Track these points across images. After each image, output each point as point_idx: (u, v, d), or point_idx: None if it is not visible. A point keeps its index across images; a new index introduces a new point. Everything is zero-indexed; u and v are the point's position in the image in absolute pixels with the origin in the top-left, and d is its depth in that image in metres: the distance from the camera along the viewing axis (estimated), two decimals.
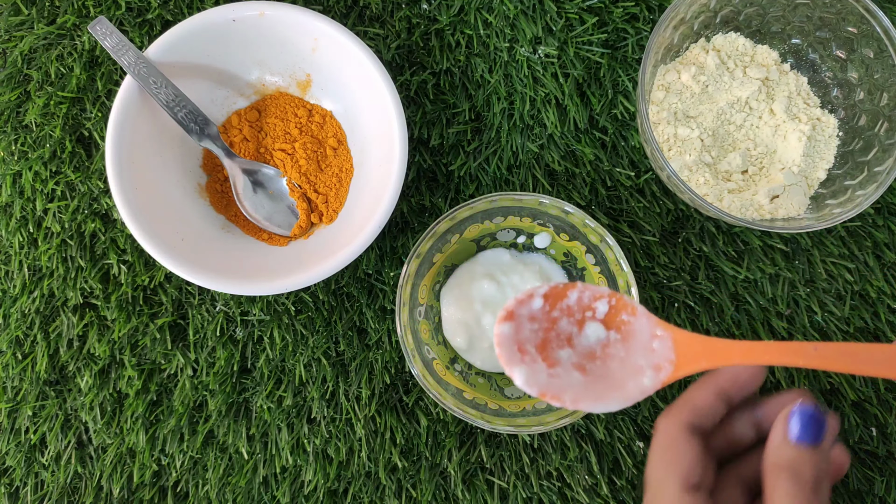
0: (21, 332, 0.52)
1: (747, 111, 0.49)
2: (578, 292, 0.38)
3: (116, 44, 0.47)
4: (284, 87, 0.52)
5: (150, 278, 0.51)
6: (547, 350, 0.37)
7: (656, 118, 0.49)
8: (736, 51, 0.50)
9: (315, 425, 0.50)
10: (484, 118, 0.53)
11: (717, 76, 0.50)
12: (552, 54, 0.52)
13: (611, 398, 0.35)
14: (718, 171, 0.49)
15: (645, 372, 0.35)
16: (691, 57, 0.50)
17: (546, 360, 0.37)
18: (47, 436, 0.51)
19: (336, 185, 0.51)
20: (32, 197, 0.53)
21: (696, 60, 0.50)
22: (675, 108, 0.49)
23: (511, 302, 0.37)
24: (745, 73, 0.50)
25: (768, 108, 0.49)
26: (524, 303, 0.38)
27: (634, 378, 0.36)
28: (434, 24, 0.53)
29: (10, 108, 0.54)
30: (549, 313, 0.38)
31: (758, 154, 0.49)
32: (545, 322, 0.38)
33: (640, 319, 0.37)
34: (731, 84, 0.50)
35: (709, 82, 0.50)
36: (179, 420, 0.50)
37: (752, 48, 0.50)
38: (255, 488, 0.50)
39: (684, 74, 0.49)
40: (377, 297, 0.51)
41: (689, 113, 0.49)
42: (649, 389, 0.35)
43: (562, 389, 0.36)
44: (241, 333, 0.51)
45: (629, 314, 0.37)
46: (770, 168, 0.49)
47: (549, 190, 0.51)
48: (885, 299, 0.50)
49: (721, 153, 0.49)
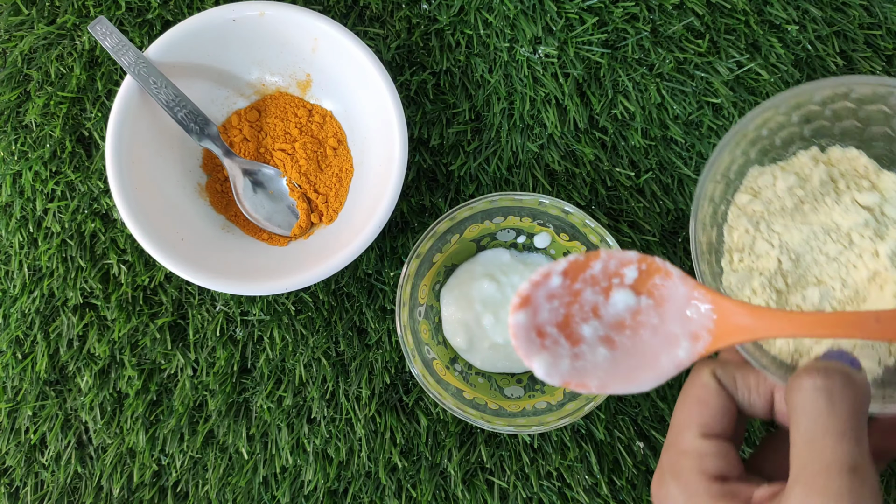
0: (21, 332, 0.52)
1: (845, 244, 0.40)
2: (603, 262, 0.34)
3: (116, 44, 0.47)
4: (284, 87, 0.52)
5: (150, 278, 0.51)
6: (570, 326, 0.34)
7: (735, 222, 0.41)
8: (854, 171, 0.41)
9: (315, 425, 0.50)
10: (484, 118, 0.53)
11: (820, 194, 0.41)
12: (552, 54, 0.52)
13: (642, 377, 0.32)
14: (788, 302, 0.40)
15: (680, 342, 0.32)
16: (796, 164, 0.42)
17: (569, 339, 0.33)
18: (47, 436, 0.51)
19: (336, 185, 0.51)
20: (32, 197, 0.53)
21: (801, 170, 0.42)
22: (758, 216, 0.41)
23: (525, 285, 0.34)
24: (855, 200, 0.41)
25: (873, 249, 0.40)
26: (541, 284, 0.34)
27: (668, 350, 0.32)
28: (434, 24, 0.53)
29: (10, 108, 0.54)
30: (570, 286, 0.34)
31: (843, 298, 0.39)
32: (567, 296, 0.34)
33: (675, 283, 0.33)
34: (834, 208, 0.41)
35: (807, 199, 0.41)
36: (179, 420, 0.50)
37: (875, 172, 0.41)
38: (255, 488, 0.50)
39: (781, 182, 0.41)
40: (377, 297, 0.51)
41: (775, 227, 0.41)
42: (685, 362, 0.32)
43: (587, 374, 0.33)
44: (241, 333, 0.51)
45: (663, 277, 0.33)
46: None
47: (549, 190, 0.51)
48: None
49: (798, 284, 0.40)
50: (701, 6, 0.52)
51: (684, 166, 0.51)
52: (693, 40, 0.52)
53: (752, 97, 0.52)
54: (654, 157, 0.52)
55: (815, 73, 0.53)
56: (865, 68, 0.52)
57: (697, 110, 0.52)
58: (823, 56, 0.52)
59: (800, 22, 0.53)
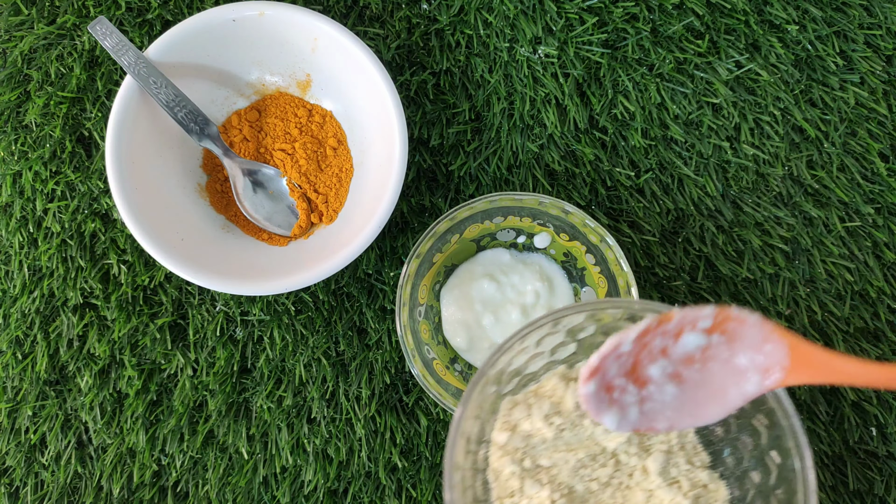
0: (21, 332, 0.52)
1: (613, 466, 0.38)
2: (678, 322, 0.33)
3: (116, 44, 0.47)
4: (284, 87, 0.52)
5: (150, 278, 0.51)
6: (637, 371, 0.33)
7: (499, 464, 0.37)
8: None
9: (315, 425, 0.50)
10: (484, 118, 0.53)
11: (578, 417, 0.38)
12: (552, 54, 0.52)
13: (709, 410, 0.32)
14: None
15: (748, 376, 0.32)
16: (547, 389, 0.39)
17: (636, 383, 0.33)
18: (47, 436, 0.51)
19: (336, 185, 0.51)
20: (32, 197, 0.53)
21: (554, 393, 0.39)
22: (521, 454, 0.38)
23: (595, 359, 0.33)
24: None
25: (641, 466, 0.38)
26: (609, 356, 0.33)
27: (737, 383, 0.32)
28: (434, 24, 0.53)
29: (10, 108, 0.54)
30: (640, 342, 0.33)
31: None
32: (637, 348, 0.33)
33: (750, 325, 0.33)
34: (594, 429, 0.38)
35: (566, 425, 0.38)
36: (179, 420, 0.50)
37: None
38: (255, 488, 0.50)
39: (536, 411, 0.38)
40: (377, 297, 0.51)
41: (541, 461, 0.38)
42: (752, 395, 0.32)
43: (655, 416, 0.33)
44: (241, 333, 0.51)
45: (738, 322, 0.33)
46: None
47: (549, 190, 0.51)
48: (885, 299, 0.50)
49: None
50: (701, 6, 0.52)
51: (684, 166, 0.51)
52: (693, 40, 0.52)
53: (752, 97, 0.52)
54: (654, 157, 0.52)
55: (814, 72, 0.53)
56: (865, 68, 0.52)
57: (697, 110, 0.52)
58: (823, 56, 0.52)
59: (800, 22, 0.53)
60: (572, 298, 0.49)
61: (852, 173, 0.52)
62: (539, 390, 0.39)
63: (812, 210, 0.51)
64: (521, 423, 0.38)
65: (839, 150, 0.52)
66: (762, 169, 0.52)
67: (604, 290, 0.47)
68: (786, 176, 0.52)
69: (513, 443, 0.38)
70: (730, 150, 0.52)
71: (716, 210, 0.51)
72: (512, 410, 0.39)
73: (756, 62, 0.52)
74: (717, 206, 0.51)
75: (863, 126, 0.52)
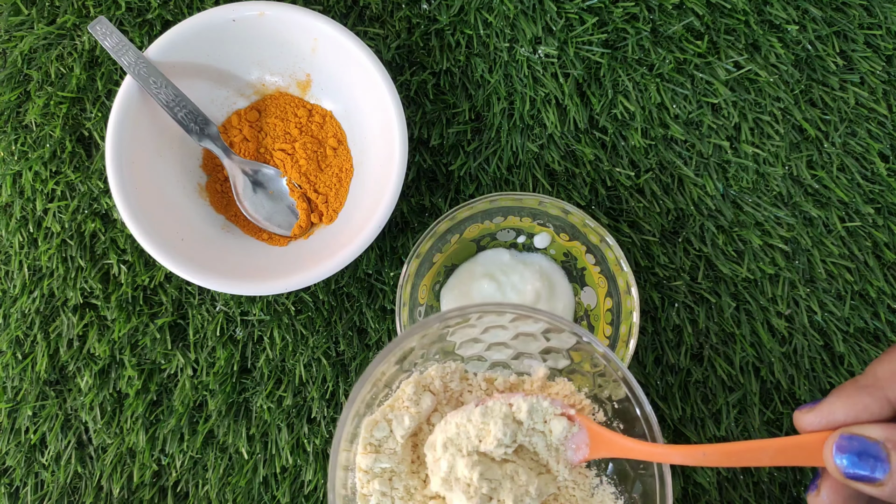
0: (21, 332, 0.52)
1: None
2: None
3: (116, 44, 0.47)
4: (284, 87, 0.52)
5: (150, 278, 0.51)
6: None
7: (367, 489, 0.35)
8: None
9: (315, 425, 0.50)
10: (484, 118, 0.53)
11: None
12: (552, 54, 0.52)
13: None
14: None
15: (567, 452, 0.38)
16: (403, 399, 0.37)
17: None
18: (47, 436, 0.51)
19: (336, 185, 0.51)
20: (32, 197, 0.53)
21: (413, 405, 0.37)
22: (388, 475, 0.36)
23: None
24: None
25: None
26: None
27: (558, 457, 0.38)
28: (434, 24, 0.53)
29: (10, 108, 0.54)
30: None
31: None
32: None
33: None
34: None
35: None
36: (179, 420, 0.50)
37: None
38: (255, 488, 0.50)
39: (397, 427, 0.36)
40: (377, 297, 0.51)
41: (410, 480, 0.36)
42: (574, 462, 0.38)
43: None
44: (241, 333, 0.51)
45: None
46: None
47: (549, 190, 0.51)
48: (885, 299, 0.50)
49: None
50: (701, 6, 0.52)
51: (684, 166, 0.51)
52: (693, 40, 0.52)
53: (751, 97, 0.52)
54: (653, 157, 0.52)
55: (814, 72, 0.53)
56: (865, 68, 0.52)
57: (697, 110, 0.52)
58: (823, 56, 0.52)
59: (800, 22, 0.53)
60: (572, 298, 0.49)
61: (852, 173, 0.52)
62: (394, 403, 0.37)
63: (812, 210, 0.51)
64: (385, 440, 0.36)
65: (839, 150, 0.52)
66: (762, 169, 0.52)
67: (604, 289, 0.47)
68: (786, 176, 0.52)
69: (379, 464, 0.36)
70: (730, 149, 0.52)
71: (716, 210, 0.51)
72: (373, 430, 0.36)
73: (756, 62, 0.52)
74: (717, 205, 0.51)
75: (863, 126, 0.52)
